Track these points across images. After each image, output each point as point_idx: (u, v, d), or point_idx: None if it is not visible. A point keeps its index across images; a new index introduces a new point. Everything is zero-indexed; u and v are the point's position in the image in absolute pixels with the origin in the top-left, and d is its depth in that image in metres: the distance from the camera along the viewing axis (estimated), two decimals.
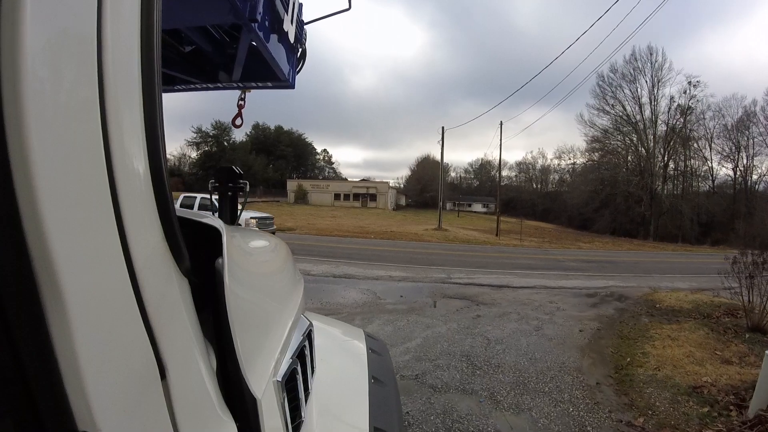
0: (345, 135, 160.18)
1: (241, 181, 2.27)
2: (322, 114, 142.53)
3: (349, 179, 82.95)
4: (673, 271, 15.83)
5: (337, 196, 66.98)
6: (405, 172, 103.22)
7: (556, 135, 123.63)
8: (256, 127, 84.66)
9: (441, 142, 30.86)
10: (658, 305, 9.55)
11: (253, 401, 0.75)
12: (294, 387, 1.02)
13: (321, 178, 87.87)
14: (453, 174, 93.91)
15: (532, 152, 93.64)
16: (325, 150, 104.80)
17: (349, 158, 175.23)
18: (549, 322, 7.60)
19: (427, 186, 75.25)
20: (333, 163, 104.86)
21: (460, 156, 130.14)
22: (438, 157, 41.20)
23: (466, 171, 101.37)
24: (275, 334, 1.07)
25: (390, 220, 39.91)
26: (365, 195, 66.84)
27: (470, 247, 21.45)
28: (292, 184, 66.93)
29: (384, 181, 74.96)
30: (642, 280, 13.08)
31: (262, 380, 0.84)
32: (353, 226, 29.26)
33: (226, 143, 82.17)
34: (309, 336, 1.31)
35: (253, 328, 0.93)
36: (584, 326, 7.52)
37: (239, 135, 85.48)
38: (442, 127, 30.80)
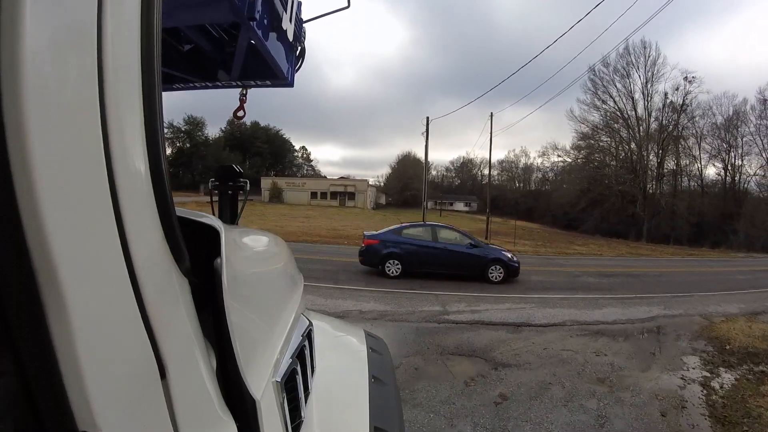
0: (324, 133, 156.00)
1: (241, 179, 2.21)
2: (301, 111, 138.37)
3: (328, 177, 79.96)
4: (709, 287, 13.24)
5: (313, 195, 64.17)
6: (385, 171, 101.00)
7: (536, 134, 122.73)
8: (231, 122, 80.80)
9: (425, 134, 27.78)
10: (727, 346, 7.17)
11: (252, 402, 0.73)
12: (294, 387, 1.00)
13: (299, 176, 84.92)
14: (434, 172, 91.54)
15: (514, 150, 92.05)
16: (303, 147, 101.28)
17: (329, 156, 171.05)
18: (612, 400, 4.79)
19: (409, 184, 73.13)
20: (311, 161, 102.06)
21: (440, 155, 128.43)
22: (420, 155, 38.52)
23: (447, 169, 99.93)
24: (275, 334, 1.06)
25: (369, 221, 36.86)
26: (343, 193, 64.15)
27: None
28: (266, 182, 63.30)
29: (363, 179, 72.21)
30: (684, 303, 10.41)
31: (262, 381, 0.83)
32: (327, 229, 26.08)
33: (198, 139, 78.59)
34: (309, 336, 1.30)
35: (252, 328, 0.93)
36: (663, 401, 4.85)
37: (213, 131, 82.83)
38: (427, 118, 27.68)
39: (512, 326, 7.25)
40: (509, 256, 12.18)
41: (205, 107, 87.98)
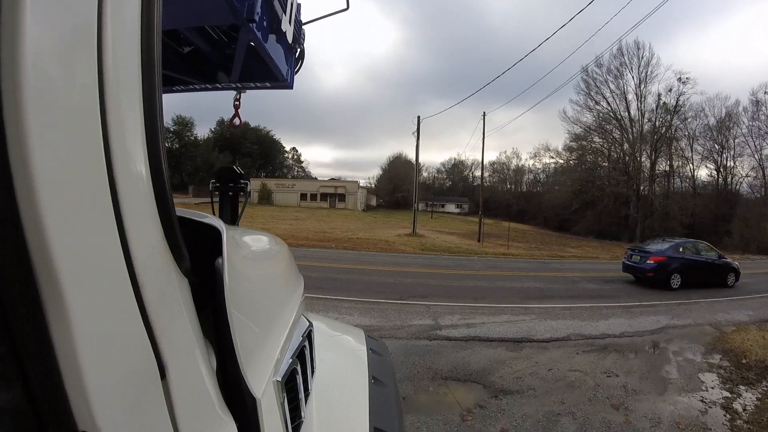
0: (315, 134, 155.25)
1: (242, 181, 2.22)
2: (293, 112, 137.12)
3: (319, 179, 79.11)
4: (712, 292, 12.69)
5: (303, 196, 63.05)
6: (376, 172, 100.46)
7: (528, 136, 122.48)
8: (220, 123, 79.87)
9: (416, 133, 27.03)
10: (743, 359, 6.61)
11: (253, 401, 0.74)
12: (294, 387, 1.01)
13: (290, 177, 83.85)
14: (425, 174, 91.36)
15: (506, 152, 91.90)
16: (294, 148, 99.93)
17: (320, 158, 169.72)
18: None
19: (399, 186, 72.58)
20: (302, 162, 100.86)
21: (431, 156, 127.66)
22: (411, 156, 37.82)
23: (438, 171, 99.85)
24: (275, 334, 1.06)
25: (358, 223, 36.20)
26: (333, 195, 63.09)
27: (455, 261, 17.57)
28: (255, 184, 61.72)
29: (353, 180, 70.99)
30: (691, 310, 9.84)
31: (262, 380, 0.83)
32: (315, 232, 25.23)
33: (187, 139, 77.27)
34: (309, 336, 1.31)
35: (252, 328, 0.93)
36: (686, 431, 4.26)
37: (202, 131, 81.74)
38: (418, 117, 26.88)
39: (512, 342, 6.52)
40: (737, 265, 14.70)
41: (194, 107, 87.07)
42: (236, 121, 2.48)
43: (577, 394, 4.89)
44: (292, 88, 2.37)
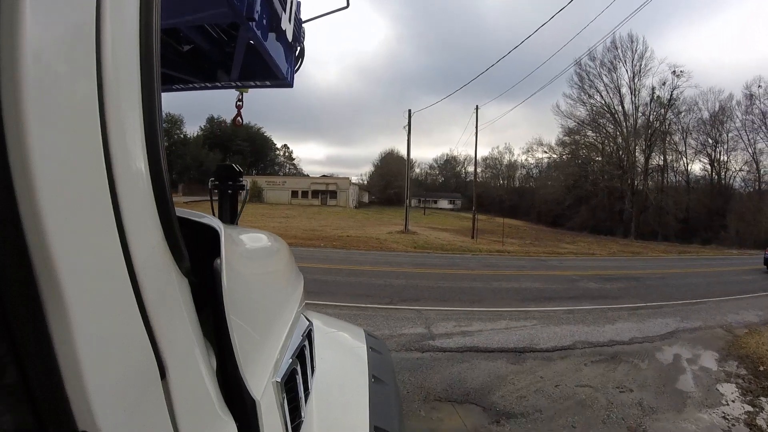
0: (307, 131, 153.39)
1: (241, 179, 2.22)
2: (286, 109, 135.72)
3: (311, 176, 78.28)
4: (717, 290, 12.21)
5: (294, 194, 62.33)
6: (369, 169, 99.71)
7: (520, 131, 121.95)
8: (210, 120, 78.83)
9: (408, 127, 26.40)
10: (761, 366, 6.13)
11: (252, 402, 0.73)
12: (294, 387, 1.00)
13: (281, 174, 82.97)
14: (418, 170, 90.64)
15: (498, 147, 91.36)
16: (285, 146, 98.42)
17: (312, 155, 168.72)
18: None
19: (392, 182, 72.15)
20: (294, 159, 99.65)
21: (423, 152, 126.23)
22: (403, 152, 37.33)
23: (430, 167, 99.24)
24: (275, 334, 1.06)
25: (350, 221, 35.59)
26: (325, 192, 62.35)
27: (448, 260, 16.93)
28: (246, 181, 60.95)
29: (345, 176, 70.38)
30: (700, 311, 9.31)
31: (261, 381, 0.84)
32: (304, 230, 24.58)
33: (177, 137, 76.03)
34: (309, 336, 1.30)
35: (251, 328, 0.92)
36: None
37: (192, 129, 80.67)
38: (409, 110, 26.33)
39: (513, 353, 5.88)
40: None
41: (184, 105, 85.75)
42: (238, 120, 2.52)
43: (588, 414, 4.30)
44: (292, 86, 2.36)
